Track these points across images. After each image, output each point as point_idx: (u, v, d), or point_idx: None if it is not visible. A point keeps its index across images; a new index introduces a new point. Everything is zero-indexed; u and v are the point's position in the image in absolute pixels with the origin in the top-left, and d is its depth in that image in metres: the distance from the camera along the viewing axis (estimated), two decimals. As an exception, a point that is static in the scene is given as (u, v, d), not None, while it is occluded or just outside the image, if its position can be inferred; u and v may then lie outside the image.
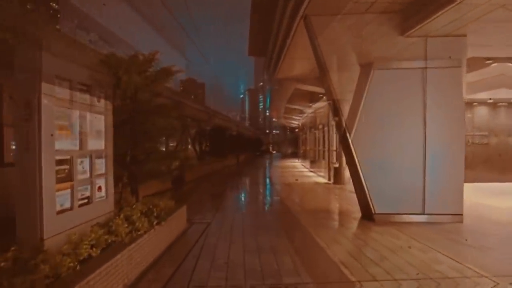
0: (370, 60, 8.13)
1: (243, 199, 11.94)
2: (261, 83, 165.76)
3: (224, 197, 12.15)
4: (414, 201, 8.01)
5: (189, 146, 24.42)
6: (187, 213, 8.27)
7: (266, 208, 10.07)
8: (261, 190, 14.55)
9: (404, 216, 7.97)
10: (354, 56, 8.28)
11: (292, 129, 78.55)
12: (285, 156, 58.89)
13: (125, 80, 5.00)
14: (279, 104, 24.14)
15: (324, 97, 17.36)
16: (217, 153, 27.19)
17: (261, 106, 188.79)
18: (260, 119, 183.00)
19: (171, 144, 20.82)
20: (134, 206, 5.24)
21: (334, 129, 17.26)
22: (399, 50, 7.88)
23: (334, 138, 17.47)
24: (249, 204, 10.77)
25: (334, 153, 17.19)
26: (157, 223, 5.30)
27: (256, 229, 7.36)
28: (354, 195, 12.74)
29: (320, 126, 22.71)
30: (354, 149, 8.09)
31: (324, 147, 20.98)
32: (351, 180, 15.94)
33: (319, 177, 18.73)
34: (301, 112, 26.63)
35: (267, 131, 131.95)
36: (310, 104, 21.02)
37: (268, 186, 15.84)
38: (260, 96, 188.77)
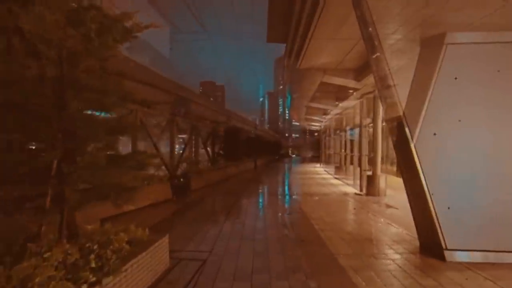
0: (440, 29, 5.60)
1: (257, 217, 9.49)
2: (281, 87, 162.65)
3: (233, 213, 9.77)
4: (508, 232, 5.40)
5: (201, 149, 22.21)
6: (177, 240, 5.99)
7: (287, 231, 7.58)
8: (280, 203, 12.04)
9: (492, 254, 5.36)
10: (417, 25, 5.76)
11: (312, 133, 76.24)
12: (305, 160, 56.14)
13: (32, 17, 2.69)
14: (300, 102, 21.58)
15: (355, 93, 14.79)
16: (232, 157, 24.90)
17: (281, 110, 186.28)
18: (279, 123, 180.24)
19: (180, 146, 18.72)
20: (46, 255, 2.90)
21: (367, 132, 14.65)
22: (486, 14, 5.29)
23: (366, 142, 14.82)
24: (264, 225, 8.33)
25: (366, 158, 14.54)
26: (93, 285, 2.95)
27: (273, 273, 4.93)
28: (395, 211, 10.18)
29: (348, 128, 20.09)
30: (419, 157, 5.53)
31: (352, 151, 18.36)
32: (387, 192, 13.46)
33: (347, 186, 16.05)
34: (325, 112, 24.00)
35: (286, 134, 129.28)
36: (337, 103, 18.41)
37: (289, 198, 13.34)
38: (280, 100, 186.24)
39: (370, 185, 12.94)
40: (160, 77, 13.24)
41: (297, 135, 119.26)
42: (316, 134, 69.10)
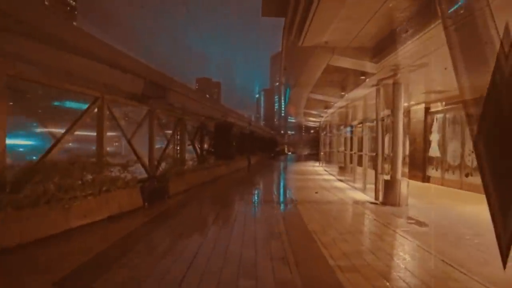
0: None
1: (244, 241, 6.91)
2: (277, 83, 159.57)
3: (212, 233, 7.28)
4: None
5: (188, 146, 19.60)
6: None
7: (288, 272, 5.01)
8: (277, 216, 9.36)
9: None
10: None
11: (309, 129, 74.10)
12: (301, 158, 53.81)
13: None
14: (300, 93, 18.96)
15: (367, 80, 12.25)
16: (223, 155, 22.31)
17: (277, 106, 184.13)
18: (275, 120, 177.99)
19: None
20: None
21: (385, 127, 12.13)
22: None
23: (381, 139, 12.30)
24: (254, 257, 5.76)
25: (381, 158, 12.02)
26: None
27: None
28: (427, 231, 7.67)
29: (356, 122, 17.64)
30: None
31: (361, 150, 15.86)
32: (408, 200, 10.95)
33: (356, 191, 13.56)
34: (327, 106, 21.52)
35: (282, 131, 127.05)
36: (343, 93, 15.90)
37: (288, 207, 10.81)
38: (276, 96, 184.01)
39: (389, 192, 10.44)
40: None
41: (293, 132, 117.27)
42: (312, 131, 67.05)
